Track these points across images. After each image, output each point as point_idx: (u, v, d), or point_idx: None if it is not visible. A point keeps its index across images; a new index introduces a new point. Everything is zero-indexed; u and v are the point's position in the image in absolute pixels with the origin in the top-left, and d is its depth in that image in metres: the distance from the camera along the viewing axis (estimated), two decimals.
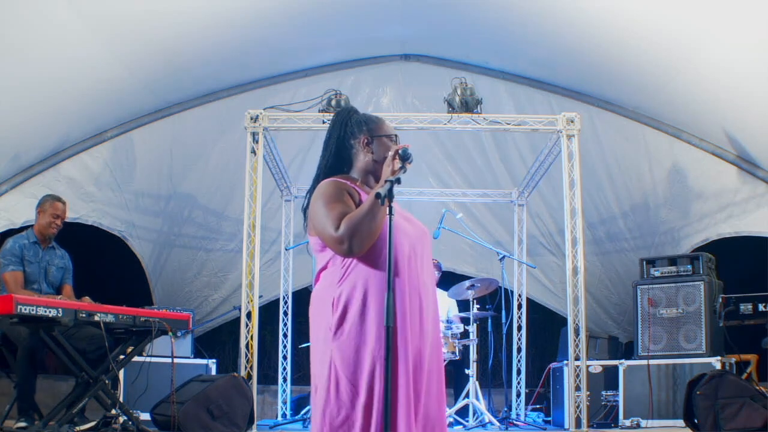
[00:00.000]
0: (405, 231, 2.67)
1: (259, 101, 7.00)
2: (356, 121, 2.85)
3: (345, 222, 2.55)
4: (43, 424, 4.67)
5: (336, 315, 2.56)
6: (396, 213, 2.61)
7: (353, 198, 2.67)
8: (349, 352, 2.53)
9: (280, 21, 6.49)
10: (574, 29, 6.42)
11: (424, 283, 2.68)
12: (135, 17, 5.76)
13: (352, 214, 2.56)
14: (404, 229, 2.67)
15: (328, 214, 2.59)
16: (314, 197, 2.70)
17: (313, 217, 2.67)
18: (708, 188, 7.47)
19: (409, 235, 2.68)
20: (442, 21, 6.94)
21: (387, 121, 2.91)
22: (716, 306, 5.99)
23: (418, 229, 2.76)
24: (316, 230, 2.66)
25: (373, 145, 2.80)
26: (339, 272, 2.61)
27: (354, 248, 2.54)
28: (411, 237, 2.68)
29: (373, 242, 2.56)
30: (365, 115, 2.90)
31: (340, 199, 2.63)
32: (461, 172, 8.42)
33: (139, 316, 5.02)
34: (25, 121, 6.30)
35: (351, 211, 2.59)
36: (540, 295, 8.68)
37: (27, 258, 5.31)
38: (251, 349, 6.06)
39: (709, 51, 5.92)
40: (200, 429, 5.13)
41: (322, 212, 2.62)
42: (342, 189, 2.68)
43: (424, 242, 2.75)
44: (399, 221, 2.64)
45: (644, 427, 6.17)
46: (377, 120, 2.87)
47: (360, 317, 2.55)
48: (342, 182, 2.72)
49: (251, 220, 6.29)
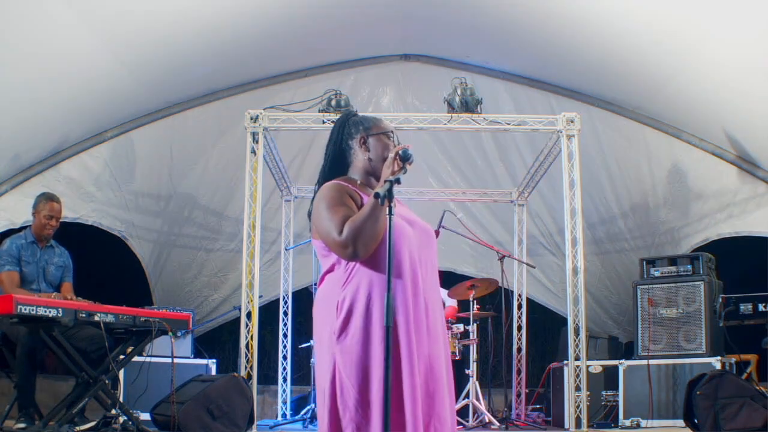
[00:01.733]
0: (406, 233, 2.65)
1: (259, 101, 7.01)
2: (353, 122, 2.87)
3: (348, 226, 2.54)
4: (43, 424, 4.67)
5: (340, 318, 2.56)
6: (398, 214, 2.60)
7: (354, 200, 2.67)
8: (353, 355, 2.52)
9: (280, 21, 6.49)
10: (575, 29, 6.42)
11: (429, 286, 2.67)
12: (135, 17, 5.76)
13: (355, 218, 2.56)
14: (405, 231, 2.66)
15: (331, 219, 2.59)
16: (316, 201, 2.70)
17: (316, 221, 2.67)
18: (708, 188, 7.47)
19: (409, 237, 2.66)
20: (442, 21, 6.95)
21: (384, 120, 2.91)
22: (716, 306, 5.98)
23: (420, 231, 2.74)
24: (320, 234, 2.66)
25: (369, 143, 2.80)
26: (343, 275, 2.61)
27: (359, 252, 2.54)
28: (412, 239, 2.67)
29: (377, 244, 2.55)
30: (363, 116, 2.92)
31: (342, 203, 2.62)
32: (461, 172, 8.42)
33: (139, 316, 5.02)
34: (25, 121, 6.30)
35: (353, 214, 2.58)
36: (540, 295, 8.68)
37: (24, 258, 5.30)
38: (251, 349, 6.06)
39: (709, 51, 5.92)
40: (200, 429, 5.13)
41: (324, 216, 2.62)
42: (343, 192, 2.67)
43: (427, 244, 2.73)
44: (400, 223, 2.63)
45: (644, 427, 6.17)
46: (373, 119, 2.88)
47: (364, 320, 2.54)
48: (343, 185, 2.72)
49: (251, 220, 6.29)
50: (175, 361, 5.39)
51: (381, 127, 2.84)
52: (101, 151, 7.22)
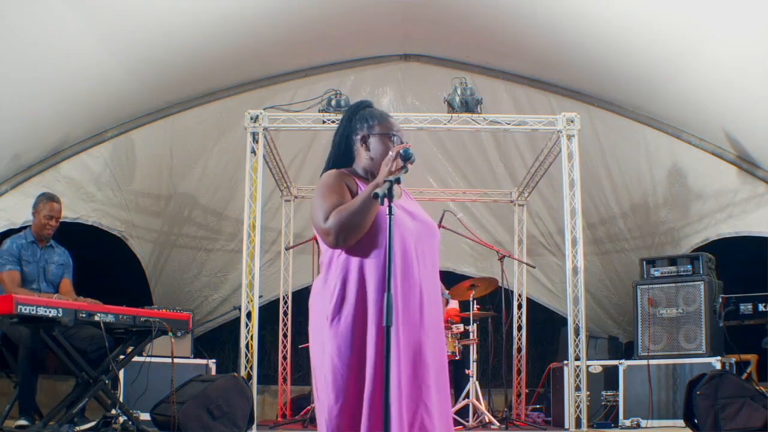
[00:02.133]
0: (405, 226, 2.65)
1: (259, 101, 7.01)
2: (360, 116, 2.84)
3: (334, 214, 2.57)
4: (43, 424, 4.67)
5: (332, 304, 2.58)
6: (401, 206, 2.62)
7: (351, 190, 2.68)
8: (345, 340, 2.54)
9: (280, 21, 6.49)
10: (575, 29, 6.42)
11: (426, 279, 2.67)
12: (135, 17, 5.76)
13: (342, 207, 2.58)
14: (404, 224, 2.66)
15: (321, 205, 2.61)
16: (316, 188, 2.72)
17: (311, 207, 2.69)
18: (708, 188, 7.47)
19: (406, 228, 2.66)
20: (442, 21, 6.95)
21: (391, 119, 2.86)
22: (716, 306, 5.98)
23: (420, 224, 2.74)
24: (312, 220, 2.67)
25: (370, 142, 2.79)
26: (338, 263, 2.63)
27: (339, 241, 2.57)
28: (410, 230, 2.67)
29: (360, 237, 2.57)
30: (372, 111, 2.87)
31: (336, 191, 2.64)
32: (461, 172, 8.43)
33: (139, 316, 5.02)
34: (25, 121, 6.30)
35: (344, 203, 2.60)
36: (540, 295, 8.68)
37: (25, 258, 5.30)
38: (251, 349, 6.06)
39: (709, 50, 5.92)
40: (200, 429, 5.13)
41: (317, 203, 2.64)
42: (340, 180, 2.69)
43: (427, 239, 2.73)
44: (400, 216, 2.63)
45: (644, 427, 6.17)
46: (380, 117, 2.83)
47: (354, 308, 2.56)
48: (343, 173, 2.73)
49: (251, 220, 6.29)
50: (175, 361, 5.39)
51: (385, 127, 2.80)
52: (101, 151, 7.22)
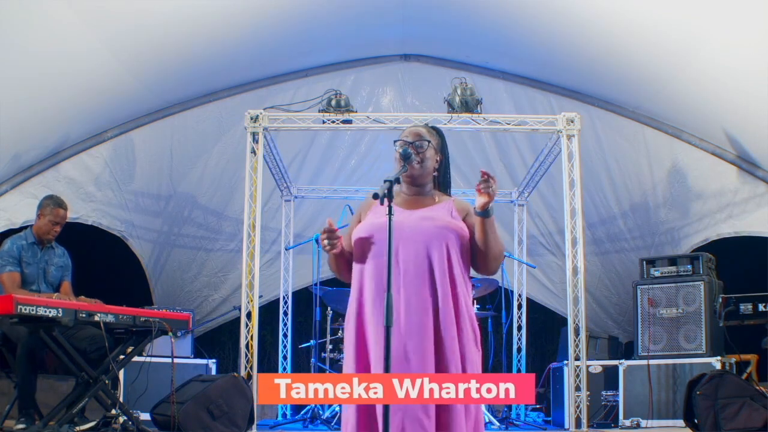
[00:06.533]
0: (396, 227, 2.70)
1: (259, 101, 7.01)
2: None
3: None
4: (43, 424, 4.67)
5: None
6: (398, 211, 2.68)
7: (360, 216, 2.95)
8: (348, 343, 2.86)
9: (280, 21, 6.49)
10: (575, 29, 6.42)
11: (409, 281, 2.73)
12: (135, 17, 5.76)
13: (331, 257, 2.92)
14: (386, 228, 2.70)
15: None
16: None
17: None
18: (708, 188, 7.47)
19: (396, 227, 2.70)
20: (442, 21, 6.94)
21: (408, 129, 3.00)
22: (716, 306, 5.98)
23: (415, 222, 2.81)
24: None
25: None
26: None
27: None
28: (402, 230, 2.74)
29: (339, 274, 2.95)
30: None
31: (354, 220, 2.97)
32: (461, 172, 8.42)
33: (139, 316, 5.01)
34: (25, 121, 6.29)
35: (352, 232, 2.90)
36: (540, 295, 8.68)
37: (25, 259, 5.30)
38: (251, 349, 6.06)
39: (709, 51, 5.92)
40: (200, 429, 5.13)
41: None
42: (360, 208, 2.98)
43: (418, 238, 2.77)
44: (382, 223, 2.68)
45: (644, 427, 6.17)
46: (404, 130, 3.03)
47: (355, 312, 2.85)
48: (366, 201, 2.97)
49: (251, 220, 6.29)
50: (175, 361, 5.39)
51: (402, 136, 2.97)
52: (101, 151, 7.21)
